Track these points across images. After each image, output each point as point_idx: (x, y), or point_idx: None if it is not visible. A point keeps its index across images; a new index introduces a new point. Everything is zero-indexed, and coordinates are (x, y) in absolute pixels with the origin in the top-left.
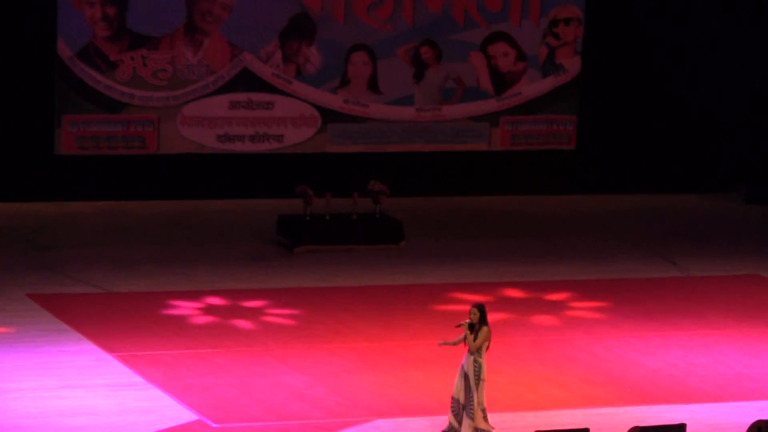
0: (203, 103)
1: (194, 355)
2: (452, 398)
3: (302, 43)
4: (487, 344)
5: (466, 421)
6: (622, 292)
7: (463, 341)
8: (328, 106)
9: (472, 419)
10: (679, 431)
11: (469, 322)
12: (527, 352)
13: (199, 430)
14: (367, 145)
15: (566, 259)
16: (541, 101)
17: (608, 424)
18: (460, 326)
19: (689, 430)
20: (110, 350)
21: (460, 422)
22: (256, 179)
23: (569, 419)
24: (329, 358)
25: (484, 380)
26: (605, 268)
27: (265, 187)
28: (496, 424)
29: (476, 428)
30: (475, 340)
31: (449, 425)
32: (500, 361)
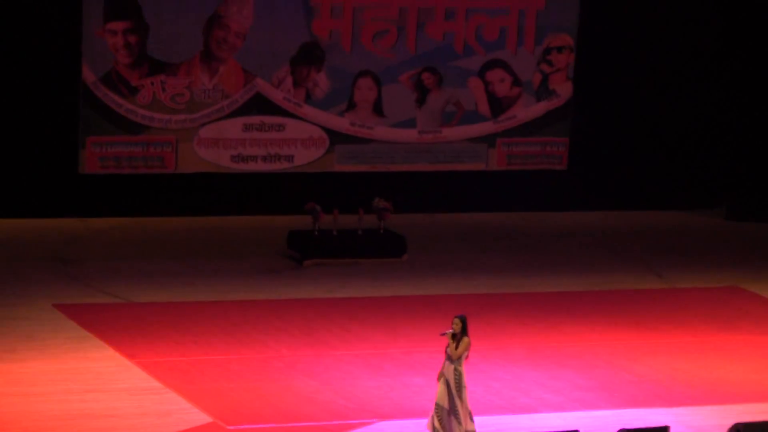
0: (218, 125)
1: (209, 361)
2: (436, 404)
3: (311, 69)
4: (466, 353)
5: (455, 425)
6: (611, 302)
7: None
8: (335, 128)
9: (460, 423)
10: None
11: (451, 332)
12: (522, 358)
13: (213, 431)
14: (372, 164)
15: (559, 271)
16: (535, 124)
17: (598, 426)
18: (443, 335)
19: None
20: (131, 357)
21: (444, 427)
22: (267, 197)
23: (561, 422)
24: (336, 364)
25: (465, 386)
26: (595, 280)
27: (276, 204)
28: (492, 426)
29: (466, 430)
30: (456, 349)
31: (433, 429)
32: (497, 366)
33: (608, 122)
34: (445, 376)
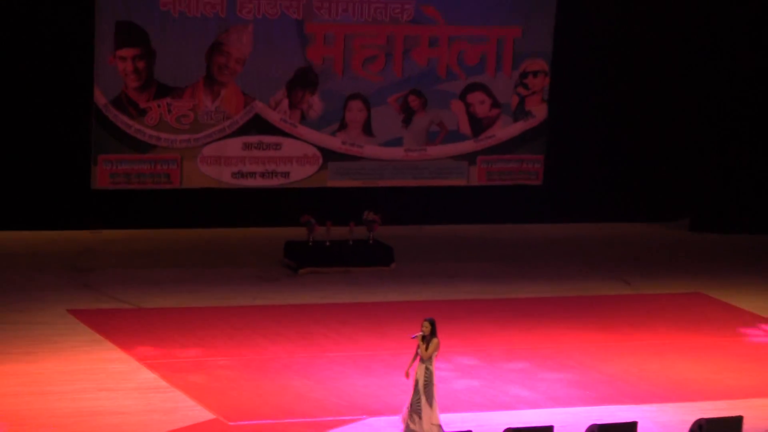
0: (220, 144)
1: (212, 362)
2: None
3: (306, 92)
4: (436, 353)
5: (415, 419)
6: (583, 307)
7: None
8: (328, 146)
9: (420, 418)
10: (631, 429)
11: (421, 334)
12: (501, 359)
13: (216, 427)
14: (362, 180)
15: (534, 279)
16: (512, 143)
17: (570, 422)
18: (414, 338)
19: (640, 427)
20: (139, 358)
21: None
22: (265, 210)
23: (537, 418)
24: (329, 364)
25: (434, 384)
26: (569, 286)
27: (273, 217)
28: (473, 421)
29: (432, 423)
30: (426, 349)
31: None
32: (477, 367)
33: (580, 141)
34: (416, 375)
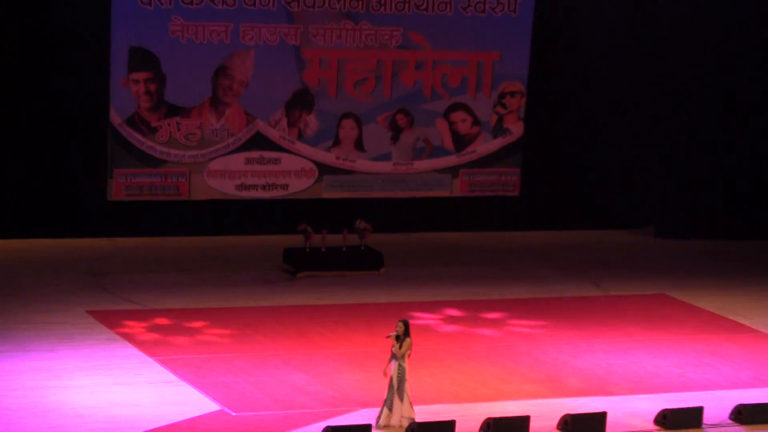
0: (225, 159)
1: (218, 358)
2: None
3: (303, 111)
4: (409, 352)
5: (385, 413)
6: (556, 308)
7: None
8: (323, 161)
9: (391, 412)
10: (600, 418)
11: (395, 334)
12: (481, 356)
13: (221, 417)
14: (354, 192)
15: (512, 282)
16: (492, 157)
17: (545, 412)
18: (389, 337)
19: (609, 416)
20: (152, 355)
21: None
22: (266, 219)
23: (515, 408)
24: (325, 360)
25: (407, 380)
26: (543, 288)
27: (273, 225)
28: (456, 412)
29: (403, 416)
30: (400, 348)
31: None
32: (459, 362)
33: (554, 155)
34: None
